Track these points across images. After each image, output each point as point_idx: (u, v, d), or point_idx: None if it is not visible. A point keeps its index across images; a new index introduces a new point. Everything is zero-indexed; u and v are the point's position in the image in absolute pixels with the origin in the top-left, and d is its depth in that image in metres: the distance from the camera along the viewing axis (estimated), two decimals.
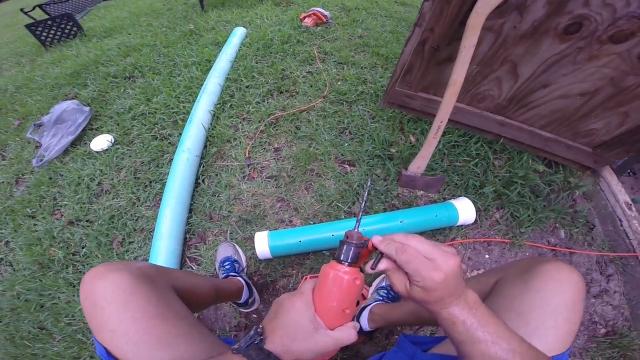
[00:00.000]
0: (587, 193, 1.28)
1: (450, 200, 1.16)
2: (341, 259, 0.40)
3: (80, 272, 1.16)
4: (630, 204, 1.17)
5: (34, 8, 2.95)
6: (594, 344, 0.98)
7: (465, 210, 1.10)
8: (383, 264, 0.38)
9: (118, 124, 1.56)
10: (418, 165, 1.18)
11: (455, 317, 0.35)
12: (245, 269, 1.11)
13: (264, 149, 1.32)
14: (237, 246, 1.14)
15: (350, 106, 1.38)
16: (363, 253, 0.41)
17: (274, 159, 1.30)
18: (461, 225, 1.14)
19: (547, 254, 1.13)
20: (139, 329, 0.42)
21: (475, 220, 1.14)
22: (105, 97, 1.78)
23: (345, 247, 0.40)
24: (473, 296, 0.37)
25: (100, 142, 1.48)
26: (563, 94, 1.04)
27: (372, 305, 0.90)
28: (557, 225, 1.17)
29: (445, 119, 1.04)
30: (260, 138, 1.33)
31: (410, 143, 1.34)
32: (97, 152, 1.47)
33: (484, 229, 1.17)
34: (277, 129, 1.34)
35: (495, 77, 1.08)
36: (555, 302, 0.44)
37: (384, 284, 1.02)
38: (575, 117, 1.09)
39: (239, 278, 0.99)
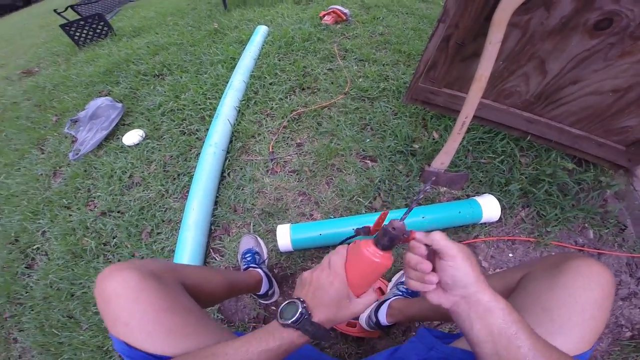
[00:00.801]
0: (619, 193, 1.20)
1: (474, 197, 1.14)
2: (379, 243, 0.43)
3: (110, 261, 1.21)
4: None
5: (66, 9, 3.12)
6: (618, 347, 0.94)
7: (489, 207, 1.08)
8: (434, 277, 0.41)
9: (148, 120, 1.64)
10: (442, 161, 1.17)
11: (490, 304, 0.37)
12: (266, 261, 1.13)
13: (287, 144, 1.35)
14: (259, 238, 1.17)
15: (372, 103, 1.39)
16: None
17: (296, 154, 1.32)
18: (485, 223, 1.12)
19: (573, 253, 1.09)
20: (151, 320, 0.45)
21: (500, 218, 1.11)
22: (136, 94, 1.86)
23: (387, 235, 0.42)
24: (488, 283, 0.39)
25: (132, 137, 1.56)
26: (594, 91, 1.01)
27: (391, 299, 0.90)
28: (585, 225, 1.13)
29: (471, 114, 1.03)
30: (283, 133, 1.36)
31: (434, 139, 1.33)
32: (129, 146, 1.55)
33: (508, 227, 1.14)
34: (299, 125, 1.37)
35: (522, 73, 1.06)
36: (583, 300, 0.43)
37: (403, 279, 1.02)
38: (608, 114, 1.05)
39: (259, 270, 1.01)
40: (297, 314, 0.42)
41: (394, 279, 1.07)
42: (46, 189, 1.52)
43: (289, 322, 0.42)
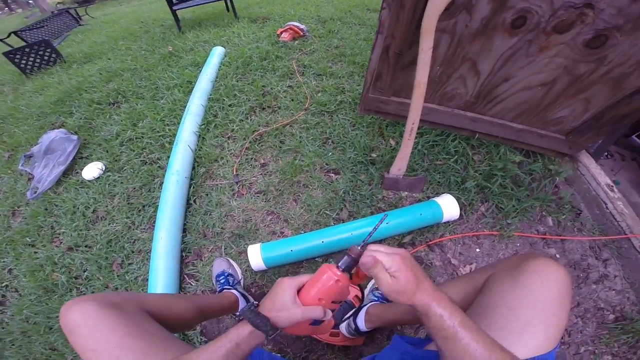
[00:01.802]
0: (569, 178, 1.29)
1: (433, 198, 1.19)
2: (337, 264, 0.50)
3: (84, 293, 1.18)
4: (612, 186, 1.18)
5: (9, 35, 2.94)
6: (605, 330, 0.97)
7: (448, 206, 1.13)
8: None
9: (107, 151, 1.59)
10: (399, 167, 1.23)
11: (427, 304, 0.42)
12: (241, 281, 1.14)
13: (251, 165, 1.36)
14: (231, 260, 1.18)
15: (331, 116, 1.44)
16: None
17: (261, 174, 1.34)
18: (447, 222, 1.17)
19: (537, 243, 1.13)
20: (116, 345, 0.48)
21: (461, 215, 1.16)
22: (92, 124, 1.80)
23: (344, 257, 0.50)
24: (431, 284, 0.45)
25: (92, 171, 1.51)
26: (525, 86, 1.07)
27: (368, 305, 0.91)
28: (543, 213, 1.18)
29: (417, 120, 1.09)
30: (246, 155, 1.38)
31: (391, 146, 1.40)
32: (89, 180, 1.50)
33: (471, 223, 1.19)
34: (262, 145, 1.39)
35: (458, 75, 1.13)
36: (543, 298, 0.46)
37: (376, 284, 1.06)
38: (541, 106, 1.13)
39: (233, 291, 1.01)
40: (246, 307, 0.50)
41: (369, 285, 1.10)
42: (6, 229, 1.45)
43: (237, 313, 0.50)
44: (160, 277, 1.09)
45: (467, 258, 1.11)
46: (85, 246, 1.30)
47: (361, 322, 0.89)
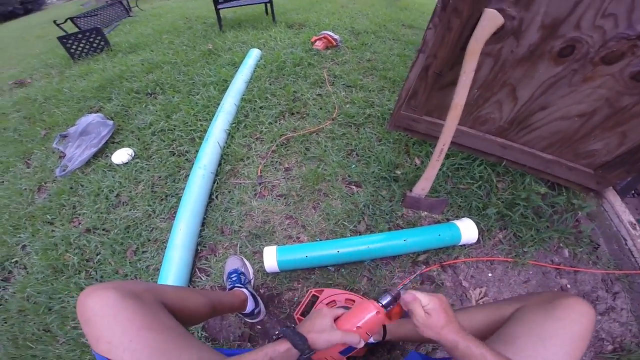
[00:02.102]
0: (591, 214, 1.28)
1: (453, 221, 1.19)
2: (378, 300, 0.58)
3: (92, 277, 1.20)
4: (635, 224, 1.18)
5: (65, 21, 3.15)
6: None
7: (467, 230, 1.13)
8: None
9: (139, 139, 1.65)
10: (422, 187, 1.22)
11: (455, 340, 0.49)
12: (252, 281, 1.14)
13: (275, 168, 1.39)
14: (244, 259, 1.19)
15: (358, 129, 1.45)
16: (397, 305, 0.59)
17: (284, 178, 1.36)
18: (464, 245, 1.18)
19: (550, 272, 1.15)
20: (132, 339, 0.47)
21: (478, 240, 1.16)
22: (128, 112, 1.89)
23: (385, 294, 0.59)
24: (458, 324, 0.52)
25: (121, 156, 1.56)
26: (562, 116, 1.07)
27: None
28: (560, 244, 1.19)
29: (448, 142, 1.08)
30: (272, 158, 1.40)
31: (415, 165, 1.39)
32: (117, 164, 1.55)
33: (487, 249, 1.20)
34: (287, 150, 1.41)
35: (495, 100, 1.12)
36: (573, 331, 0.50)
37: None
38: (575, 138, 1.12)
39: (244, 290, 1.03)
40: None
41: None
42: (29, 204, 1.50)
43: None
44: (173, 269, 1.10)
45: (479, 281, 1.12)
46: (103, 229, 1.33)
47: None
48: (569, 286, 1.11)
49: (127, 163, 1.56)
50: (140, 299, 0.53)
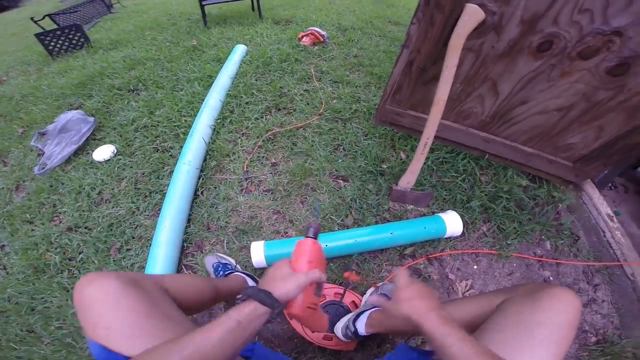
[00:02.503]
0: (571, 206, 1.32)
1: (438, 214, 1.21)
2: (309, 235, 0.61)
3: (75, 276, 1.17)
4: (612, 216, 1.22)
5: (43, 17, 3.03)
6: (586, 352, 1.01)
7: (452, 222, 1.15)
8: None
9: (121, 136, 1.61)
10: (407, 181, 1.24)
11: (432, 327, 0.51)
12: (237, 266, 1.11)
13: (262, 163, 1.38)
14: (217, 254, 1.16)
15: (345, 124, 1.46)
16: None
17: (271, 173, 1.35)
18: (449, 237, 1.19)
19: (533, 265, 1.17)
20: (131, 325, 0.46)
21: (463, 232, 1.18)
22: (110, 108, 1.83)
23: (309, 228, 0.62)
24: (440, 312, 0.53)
25: (103, 153, 1.52)
26: (541, 110, 1.08)
27: (371, 310, 0.90)
28: (542, 237, 1.22)
29: (432, 136, 1.10)
30: (258, 153, 1.39)
31: (401, 159, 1.41)
32: (99, 162, 1.51)
33: (471, 241, 1.22)
34: (274, 145, 1.41)
35: (477, 94, 1.14)
36: (559, 320, 0.50)
37: (380, 292, 1.00)
38: (554, 132, 1.14)
39: (237, 273, 1.00)
40: (248, 287, 0.52)
41: (369, 292, 1.07)
42: (7, 203, 1.45)
43: (240, 295, 0.54)
44: (159, 266, 1.08)
45: (465, 274, 1.13)
46: (85, 227, 1.29)
47: (361, 326, 0.89)
48: (551, 278, 1.13)
49: (109, 160, 1.52)
50: (142, 287, 0.52)
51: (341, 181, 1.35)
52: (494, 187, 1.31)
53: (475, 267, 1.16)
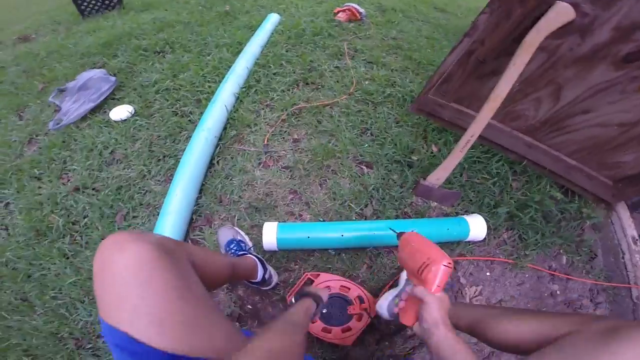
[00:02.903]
0: (597, 225, 1.26)
1: (463, 216, 1.14)
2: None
3: (77, 243, 1.12)
4: (637, 239, 1.18)
5: None
6: None
7: (477, 227, 1.09)
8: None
9: (140, 96, 1.56)
10: (437, 177, 1.15)
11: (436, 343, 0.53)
12: (252, 249, 1.06)
13: (283, 138, 1.29)
14: (236, 228, 1.11)
15: (375, 107, 1.35)
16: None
17: (292, 149, 1.27)
18: (469, 241, 1.14)
19: (545, 277, 1.14)
20: (163, 309, 0.39)
21: (484, 237, 1.12)
22: (133, 69, 1.78)
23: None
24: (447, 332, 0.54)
25: (120, 112, 1.47)
26: (602, 122, 1.00)
27: None
28: (561, 251, 1.17)
29: (477, 134, 1.00)
30: (281, 127, 1.31)
31: (432, 153, 1.30)
32: (115, 121, 1.46)
33: (490, 247, 1.16)
34: (298, 120, 1.32)
35: (535, 97, 1.04)
36: None
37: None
38: (608, 147, 1.06)
39: (250, 255, 0.96)
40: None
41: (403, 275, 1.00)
42: (17, 157, 1.41)
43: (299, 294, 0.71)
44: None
45: (476, 280, 1.11)
46: (93, 189, 1.24)
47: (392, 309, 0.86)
48: (558, 292, 1.11)
49: (125, 120, 1.46)
50: (174, 257, 0.45)
51: (365, 167, 1.26)
52: (524, 195, 1.22)
53: (488, 273, 1.13)
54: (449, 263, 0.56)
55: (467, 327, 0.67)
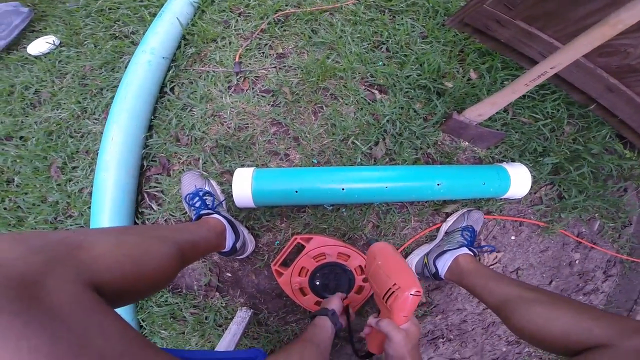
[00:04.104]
0: None
1: (504, 166, 0.86)
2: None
3: (17, 210, 0.97)
4: None
5: None
6: None
7: (519, 184, 0.84)
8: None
9: (67, 23, 1.22)
10: (480, 112, 0.86)
11: None
12: (224, 203, 0.84)
13: (263, 53, 0.93)
14: (205, 174, 0.87)
15: (394, 16, 0.99)
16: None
17: (275, 67, 0.92)
18: (505, 199, 0.93)
19: (569, 245, 1.03)
20: None
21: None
22: None
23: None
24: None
25: (39, 45, 1.17)
26: None
27: (459, 254, 0.77)
28: (596, 215, 1.02)
29: (562, 66, 0.73)
30: (260, 39, 0.94)
31: (469, 80, 0.98)
32: (35, 56, 1.17)
33: (523, 206, 0.98)
34: (284, 30, 0.95)
35: None
36: None
37: (464, 223, 0.85)
38: None
39: (217, 216, 0.74)
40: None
41: (452, 219, 0.89)
42: None
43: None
44: (107, 199, 0.83)
45: (499, 244, 0.98)
46: (20, 138, 1.04)
47: (443, 269, 0.78)
48: (577, 262, 1.03)
49: (48, 53, 1.17)
50: (47, 290, 0.25)
51: (377, 92, 0.93)
52: (581, 144, 0.97)
53: (513, 237, 0.99)
54: (418, 291, 0.50)
55: (495, 305, 0.62)
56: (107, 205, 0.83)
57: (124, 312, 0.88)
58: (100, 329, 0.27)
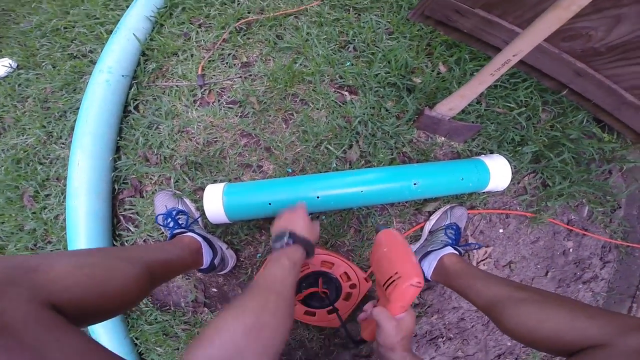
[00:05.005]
0: (627, 170, 1.06)
1: (482, 158, 0.85)
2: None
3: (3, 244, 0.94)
4: None
5: None
6: None
7: (499, 176, 0.83)
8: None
9: (23, 45, 1.17)
10: (451, 106, 0.85)
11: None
12: (199, 220, 0.82)
13: (227, 64, 0.90)
14: (178, 192, 0.85)
15: (359, 14, 0.97)
16: None
17: (241, 77, 0.89)
18: (486, 192, 0.90)
19: (561, 233, 1.01)
20: None
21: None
22: (10, 16, 1.33)
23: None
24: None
25: None
26: None
27: (444, 253, 0.75)
28: (584, 201, 1.01)
29: (524, 53, 0.72)
30: (222, 49, 0.91)
31: (439, 74, 0.96)
32: None
33: (507, 197, 0.96)
34: (248, 38, 0.92)
35: (615, 14, 0.74)
36: None
37: (447, 221, 0.83)
38: None
39: (191, 234, 0.74)
40: (287, 236, 0.56)
41: (435, 217, 0.87)
42: None
43: (288, 240, 0.56)
44: (82, 226, 0.81)
45: (487, 238, 0.96)
46: None
47: (428, 270, 0.77)
48: (571, 250, 1.02)
49: (6, 77, 1.13)
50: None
51: (347, 93, 0.92)
52: (556, 129, 0.96)
53: (501, 230, 0.97)
54: (419, 282, 0.49)
55: (484, 306, 0.60)
56: (82, 233, 0.81)
57: (116, 331, 0.86)
58: (58, 345, 0.29)
